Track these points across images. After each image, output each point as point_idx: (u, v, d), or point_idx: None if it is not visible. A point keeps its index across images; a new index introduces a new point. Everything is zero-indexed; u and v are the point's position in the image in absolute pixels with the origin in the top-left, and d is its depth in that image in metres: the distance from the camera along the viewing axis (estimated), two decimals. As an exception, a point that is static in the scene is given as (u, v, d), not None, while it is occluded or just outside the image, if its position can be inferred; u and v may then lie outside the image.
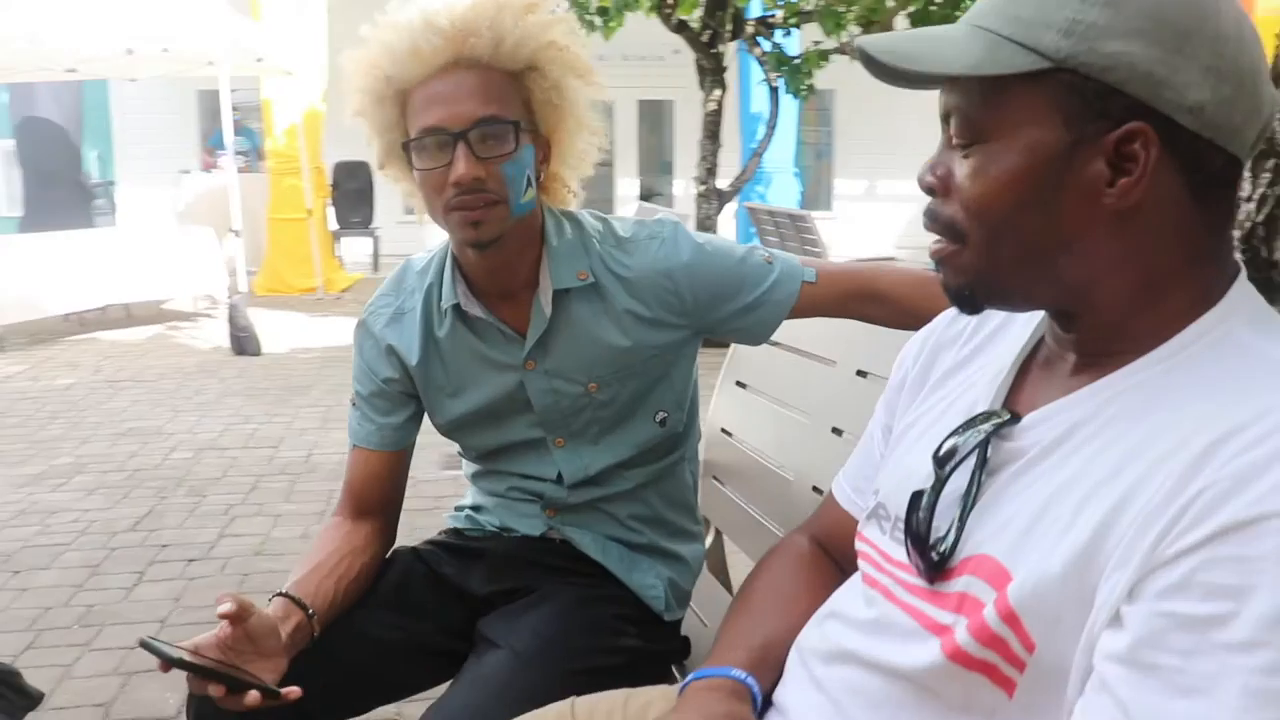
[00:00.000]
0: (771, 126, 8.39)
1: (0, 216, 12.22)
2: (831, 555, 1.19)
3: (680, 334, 1.55)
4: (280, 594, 1.43)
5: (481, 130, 1.38)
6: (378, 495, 1.61)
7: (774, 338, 2.06)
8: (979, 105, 0.82)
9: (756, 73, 9.34)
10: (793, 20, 8.16)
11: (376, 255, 12.46)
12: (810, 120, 14.50)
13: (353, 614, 1.52)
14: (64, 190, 11.39)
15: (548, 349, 1.52)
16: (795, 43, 8.86)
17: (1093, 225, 0.80)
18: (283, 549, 3.95)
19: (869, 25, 7.80)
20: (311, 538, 3.44)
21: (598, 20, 7.46)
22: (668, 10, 7.45)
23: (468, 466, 1.72)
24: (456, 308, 1.52)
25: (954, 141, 0.85)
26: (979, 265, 0.85)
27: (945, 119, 0.85)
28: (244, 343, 7.86)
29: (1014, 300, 0.87)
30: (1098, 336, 0.84)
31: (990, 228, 0.83)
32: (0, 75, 9.19)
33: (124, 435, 5.68)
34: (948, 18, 7.53)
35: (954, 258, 0.86)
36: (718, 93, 7.86)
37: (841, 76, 8.26)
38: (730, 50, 8.23)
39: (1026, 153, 0.80)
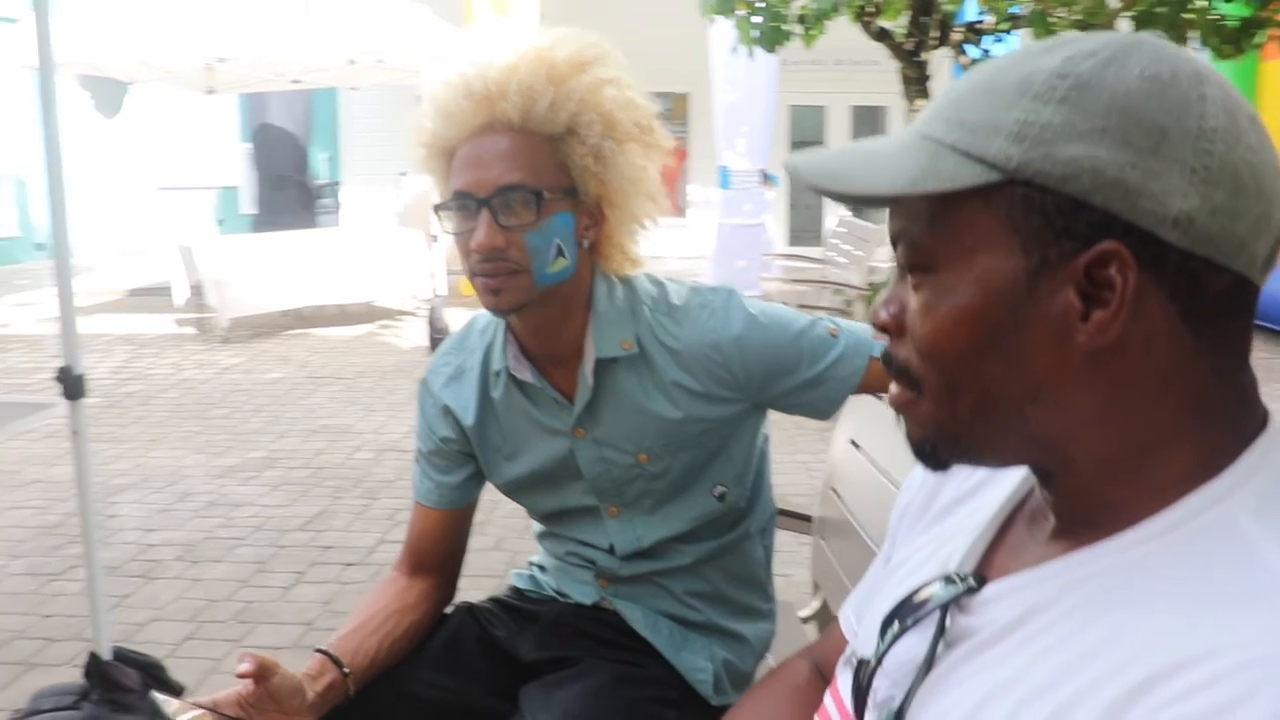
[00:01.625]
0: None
1: (241, 215, 13.17)
2: None
3: (735, 408, 1.46)
4: (319, 650, 1.43)
5: (505, 198, 1.33)
6: (435, 553, 1.60)
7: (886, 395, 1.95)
8: (925, 229, 0.70)
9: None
10: (1004, 25, 7.76)
11: (581, 258, 12.63)
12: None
13: (397, 672, 1.50)
14: (292, 192, 12.13)
15: (596, 417, 1.47)
16: (1012, 48, 8.43)
17: (1065, 369, 0.66)
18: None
19: (1086, 29, 7.34)
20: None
21: (797, 28, 7.31)
22: (867, 18, 7.22)
23: (534, 525, 1.69)
24: (509, 370, 1.49)
25: (903, 271, 0.74)
26: (938, 417, 0.72)
27: (894, 244, 0.74)
28: (441, 343, 8.12)
29: (982, 457, 0.74)
30: (1077, 502, 0.70)
31: (944, 374, 0.70)
32: (236, 86, 9.85)
33: (316, 432, 5.95)
34: (1173, 21, 7.01)
35: (911, 407, 0.74)
36: (920, 102, 7.56)
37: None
38: (939, 58, 7.92)
39: (980, 284, 0.67)
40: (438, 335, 8.20)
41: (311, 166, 12.89)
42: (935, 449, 0.74)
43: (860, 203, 0.74)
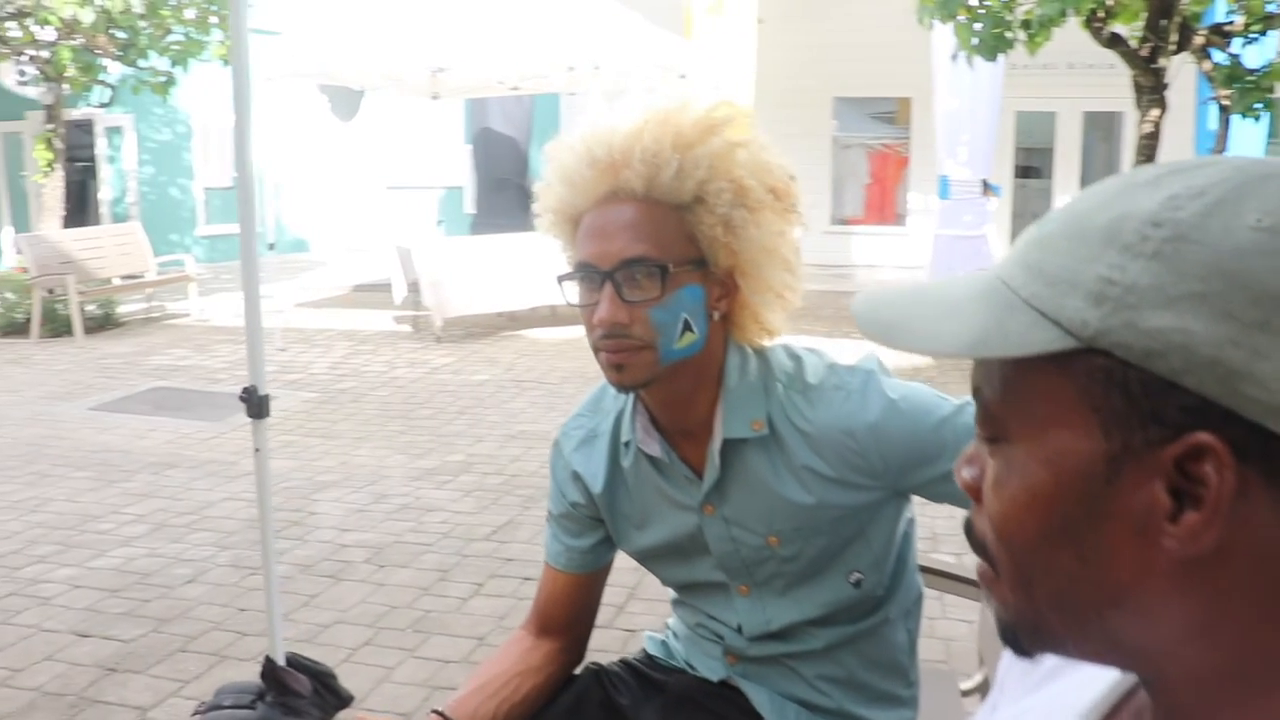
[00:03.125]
0: (1219, 152, 7.42)
1: (463, 214, 13.66)
2: None
3: (872, 495, 1.35)
4: (436, 712, 1.41)
5: (629, 271, 1.26)
6: (563, 616, 1.55)
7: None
8: (997, 392, 0.59)
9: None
10: (1256, 26, 7.13)
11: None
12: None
13: None
14: (510, 194, 12.46)
15: (725, 495, 1.38)
16: (1269, 50, 7.75)
17: (1152, 575, 0.54)
18: (614, 579, 4.02)
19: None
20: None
21: (1021, 34, 6.94)
22: (1098, 23, 6.78)
23: (670, 590, 1.62)
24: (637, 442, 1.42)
25: (979, 433, 0.63)
26: (1016, 604, 0.61)
27: (974, 397, 0.63)
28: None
29: (1066, 652, 0.62)
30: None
31: (1016, 561, 0.60)
32: (460, 93, 10.20)
33: (514, 437, 6.06)
34: None
35: (993, 586, 0.63)
36: (1155, 113, 7.05)
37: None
38: (1177, 64, 7.36)
39: (1051, 466, 0.56)
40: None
41: (532, 169, 13.23)
42: (1016, 634, 0.62)
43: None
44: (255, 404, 2.64)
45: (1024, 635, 0.62)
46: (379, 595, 3.83)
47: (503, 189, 12.50)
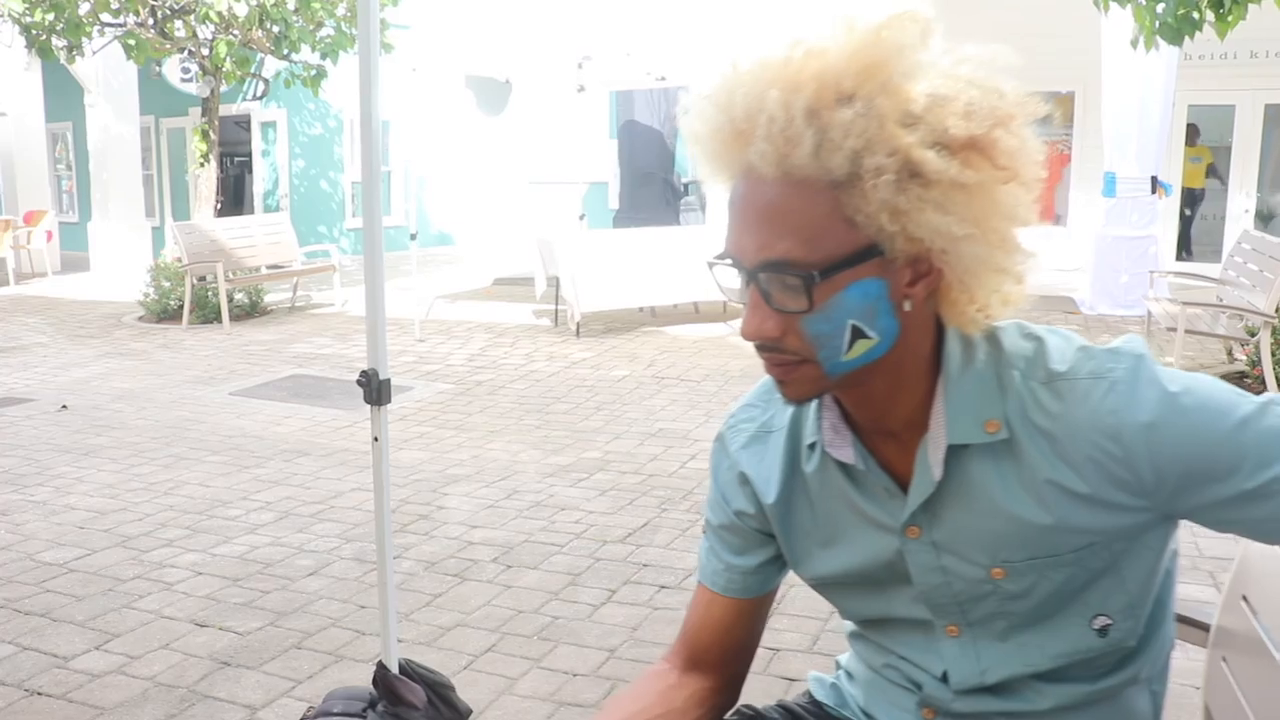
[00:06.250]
0: None
1: (607, 209, 13.50)
2: None
3: (1134, 518, 1.01)
4: None
5: (770, 275, 0.96)
6: (717, 648, 1.26)
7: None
8: None
9: None
10: None
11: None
12: None
13: None
14: (655, 188, 12.26)
15: (937, 515, 1.07)
16: None
17: None
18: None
19: None
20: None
21: (1210, 16, 6.34)
22: (1304, -1, 6.14)
23: (846, 623, 1.31)
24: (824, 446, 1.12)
25: None
26: None
27: None
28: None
29: None
30: None
31: None
32: (605, 84, 10.02)
33: (653, 435, 5.79)
34: None
35: None
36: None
37: None
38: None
39: None
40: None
41: (678, 164, 12.99)
42: None
43: None
44: (374, 389, 2.41)
45: None
46: (505, 598, 3.60)
47: (647, 183, 12.31)
